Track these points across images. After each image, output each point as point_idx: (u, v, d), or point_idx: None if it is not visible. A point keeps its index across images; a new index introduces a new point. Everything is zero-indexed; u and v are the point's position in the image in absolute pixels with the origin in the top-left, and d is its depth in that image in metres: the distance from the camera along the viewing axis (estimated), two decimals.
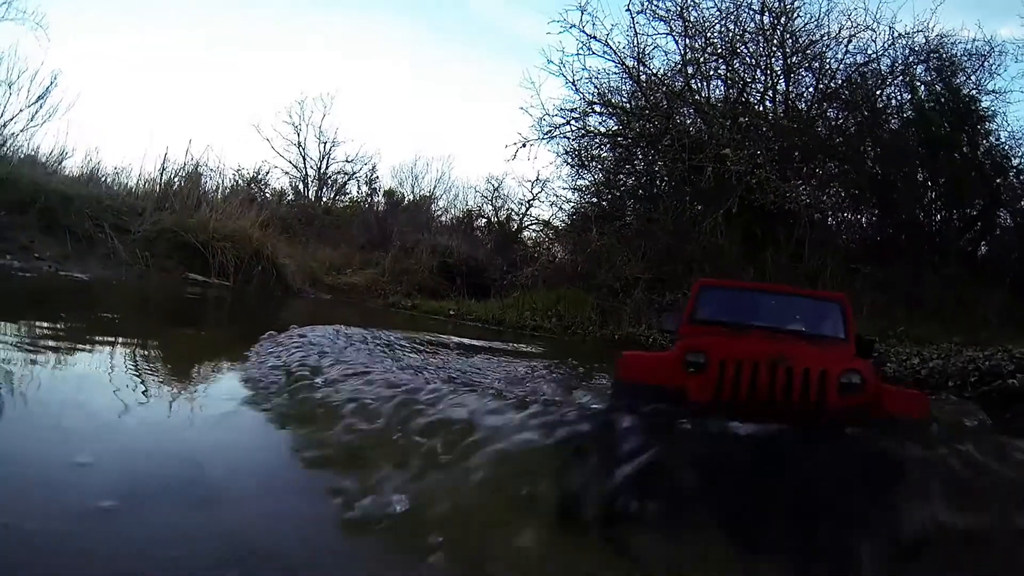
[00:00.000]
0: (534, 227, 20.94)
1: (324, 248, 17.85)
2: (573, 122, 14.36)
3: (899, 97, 13.49)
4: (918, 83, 12.91)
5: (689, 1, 13.34)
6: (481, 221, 23.31)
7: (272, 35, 34.47)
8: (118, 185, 13.29)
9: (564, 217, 17.38)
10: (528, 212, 21.41)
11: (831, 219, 13.31)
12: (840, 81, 13.40)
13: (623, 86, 14.46)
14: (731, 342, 2.87)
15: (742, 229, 11.71)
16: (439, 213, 24.12)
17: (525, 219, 21.71)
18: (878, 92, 13.34)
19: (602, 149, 15.38)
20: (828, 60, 13.41)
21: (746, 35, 13.48)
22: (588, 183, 16.15)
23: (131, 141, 26.29)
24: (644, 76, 13.97)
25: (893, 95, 13.55)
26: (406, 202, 23.46)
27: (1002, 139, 12.24)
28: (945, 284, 9.93)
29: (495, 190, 22.34)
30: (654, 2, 13.28)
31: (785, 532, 1.49)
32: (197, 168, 14.67)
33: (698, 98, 13.90)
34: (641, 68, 13.89)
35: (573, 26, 13.32)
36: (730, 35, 13.47)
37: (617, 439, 1.71)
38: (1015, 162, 12.18)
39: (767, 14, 13.29)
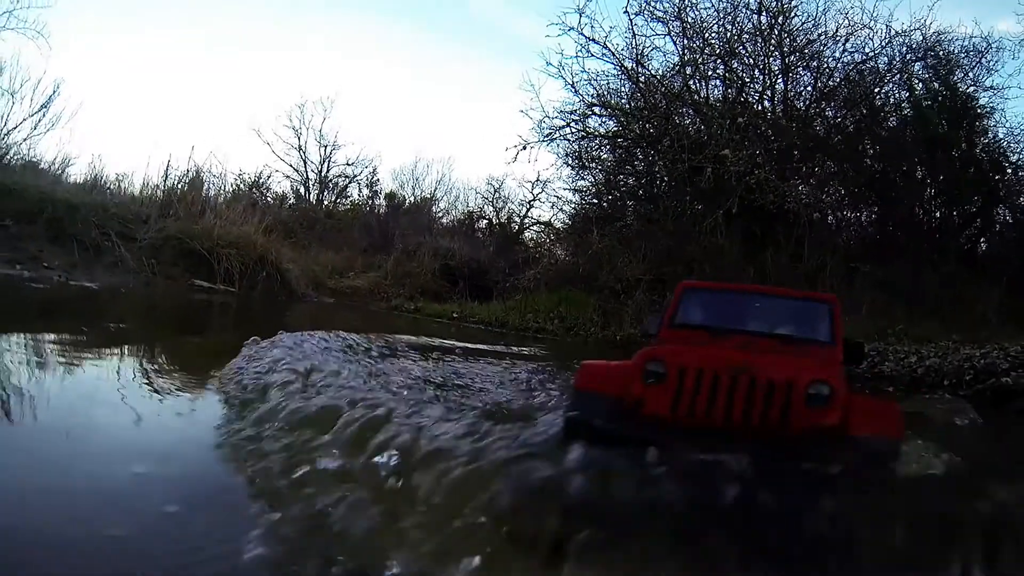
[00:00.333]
0: (535, 228, 21.05)
1: (326, 252, 17.95)
2: (573, 124, 14.46)
3: (897, 95, 13.56)
4: (916, 80, 12.99)
5: (687, 2, 13.44)
6: (482, 223, 23.41)
7: (271, 37, 34.62)
8: (122, 192, 13.46)
9: (565, 218, 17.48)
10: (528, 214, 21.53)
11: (831, 217, 13.38)
12: (838, 80, 13.47)
13: (622, 88, 14.56)
14: (694, 350, 2.70)
15: (742, 229, 11.79)
16: (440, 215, 24.24)
17: (526, 220, 21.83)
18: (876, 90, 13.40)
19: (602, 150, 15.47)
20: (826, 59, 13.49)
21: (744, 35, 13.56)
22: (588, 184, 16.25)
23: (132, 144, 26.22)
24: (643, 77, 14.06)
25: (891, 93, 13.62)
26: (407, 204, 23.57)
27: (1000, 136, 12.32)
28: (944, 282, 9.99)
29: (496, 191, 22.45)
30: (652, 3, 13.39)
31: None
32: (200, 175, 14.86)
33: (697, 98, 13.99)
34: (640, 69, 13.98)
35: (572, 28, 13.42)
36: (728, 35, 13.55)
37: (559, 462, 1.76)
38: (1013, 158, 12.25)
39: (764, 14, 13.37)
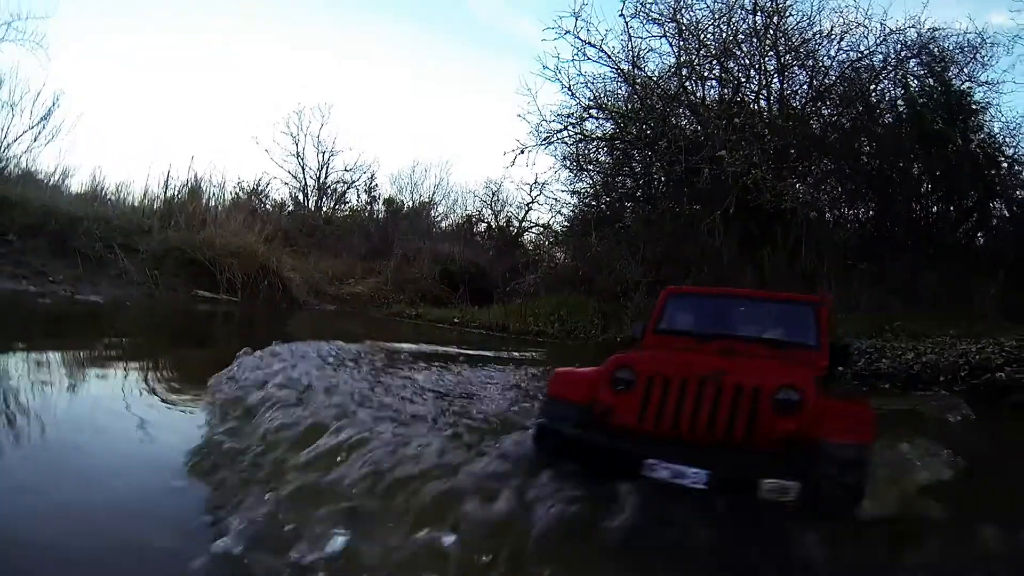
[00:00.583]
0: (534, 231, 21.13)
1: (326, 258, 18.05)
2: (570, 127, 14.53)
3: (892, 92, 13.62)
4: (911, 78, 13.06)
5: (682, 3, 13.52)
6: (481, 226, 23.50)
7: (267, 44, 34.79)
8: (121, 202, 13.54)
9: (563, 221, 17.53)
10: (527, 216, 21.61)
11: (828, 215, 13.45)
12: (834, 78, 13.54)
13: (619, 90, 14.63)
14: (664, 356, 2.65)
15: (740, 229, 11.85)
16: (439, 219, 24.35)
17: (525, 223, 21.91)
18: (872, 87, 13.48)
19: (599, 153, 15.54)
20: (821, 58, 13.55)
21: (739, 35, 13.63)
22: (587, 186, 16.31)
23: (129, 151, 26.69)
24: (639, 79, 14.13)
25: (887, 90, 13.69)
26: (406, 209, 23.66)
27: (996, 130, 12.38)
28: (942, 277, 10.05)
29: (494, 194, 22.54)
30: (647, 5, 13.47)
31: None
32: (199, 185, 14.97)
33: (693, 99, 14.06)
34: (636, 72, 14.06)
35: (568, 32, 13.49)
36: (723, 36, 13.61)
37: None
38: (1009, 152, 12.32)
39: (759, 14, 13.44)
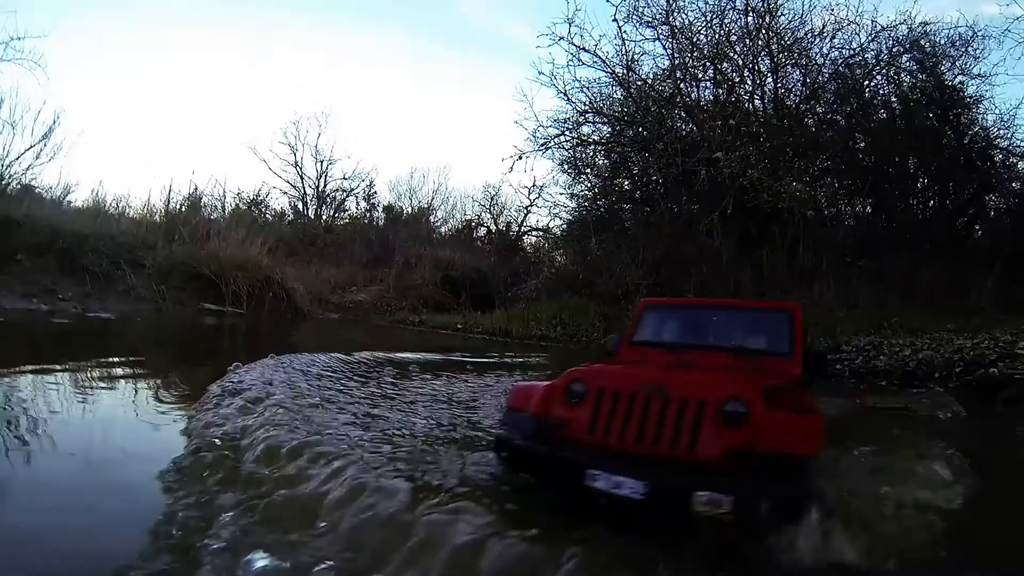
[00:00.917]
0: (535, 234, 21.28)
1: (327, 267, 18.20)
2: (567, 132, 14.68)
3: (885, 89, 13.76)
4: (903, 73, 13.19)
5: (674, 5, 13.66)
6: (481, 230, 23.66)
7: (265, 53, 35.00)
8: (122, 216, 13.69)
9: (562, 224, 17.67)
10: (526, 220, 21.76)
11: (826, 212, 13.56)
12: (827, 76, 13.67)
13: (614, 93, 14.78)
14: (614, 369, 2.66)
15: (738, 229, 11.97)
16: (439, 224, 24.51)
17: (524, 226, 22.06)
18: (865, 83, 13.61)
19: (597, 156, 15.70)
20: (814, 56, 13.70)
21: (732, 36, 13.76)
22: (585, 189, 16.46)
23: (128, 162, 26.77)
24: (634, 83, 14.27)
25: (880, 86, 13.83)
26: (405, 215, 23.82)
27: (990, 121, 12.51)
28: (939, 272, 10.14)
29: (493, 198, 22.69)
30: (640, 9, 13.62)
31: None
32: (201, 200, 15.16)
33: (688, 101, 14.21)
34: (631, 75, 14.21)
35: (562, 38, 13.64)
36: (716, 37, 13.76)
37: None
38: (1004, 144, 12.43)
39: (751, 14, 13.58)
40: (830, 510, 2.06)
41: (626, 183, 15.86)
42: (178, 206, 14.28)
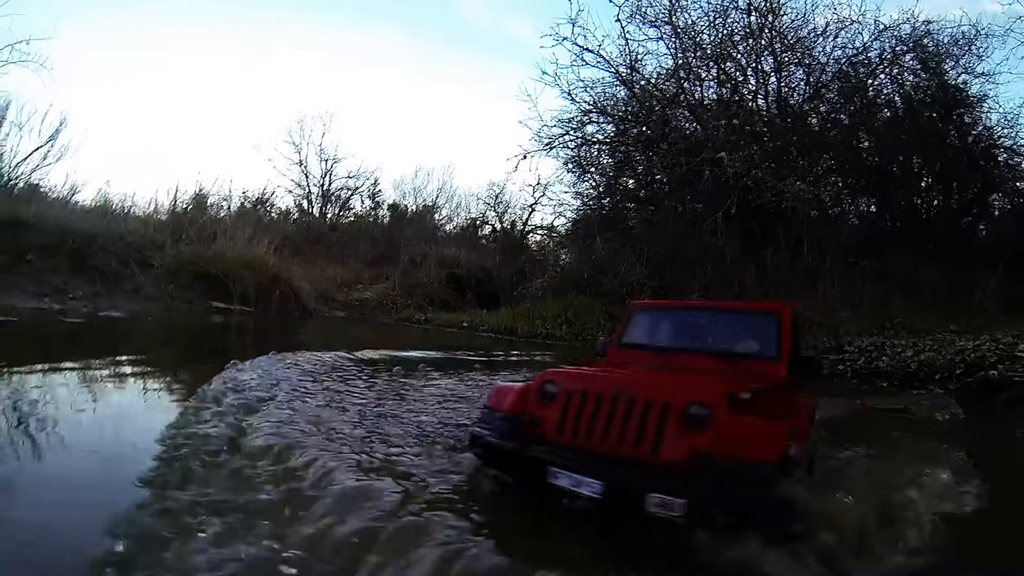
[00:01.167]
0: (539, 231, 21.32)
1: (333, 265, 18.31)
2: (571, 131, 14.75)
3: (889, 88, 13.76)
4: (907, 73, 13.18)
5: (677, 5, 13.69)
6: (486, 229, 23.71)
7: (268, 53, 35.06)
8: (131, 218, 13.80)
9: (567, 223, 17.74)
10: (531, 219, 21.80)
11: (830, 211, 13.58)
12: (830, 75, 13.68)
13: (618, 93, 14.83)
14: (584, 372, 2.72)
15: (742, 229, 12.02)
16: (443, 222, 24.57)
17: (529, 225, 22.10)
18: (869, 82, 13.61)
19: (601, 155, 15.76)
20: (817, 55, 13.71)
21: (735, 35, 13.79)
22: (589, 188, 16.52)
23: (134, 163, 26.87)
24: (638, 82, 14.31)
25: (883, 85, 13.82)
26: (410, 214, 23.89)
27: (994, 120, 12.48)
28: (943, 271, 10.16)
29: (497, 197, 22.72)
30: (643, 9, 13.65)
31: None
32: (207, 199, 15.28)
33: (692, 100, 14.25)
34: (634, 75, 14.25)
35: (565, 39, 13.72)
36: (719, 37, 13.79)
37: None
38: (1008, 143, 12.41)
39: (754, 13, 13.60)
40: (800, 514, 2.05)
41: (630, 182, 15.93)
42: (184, 206, 14.41)
